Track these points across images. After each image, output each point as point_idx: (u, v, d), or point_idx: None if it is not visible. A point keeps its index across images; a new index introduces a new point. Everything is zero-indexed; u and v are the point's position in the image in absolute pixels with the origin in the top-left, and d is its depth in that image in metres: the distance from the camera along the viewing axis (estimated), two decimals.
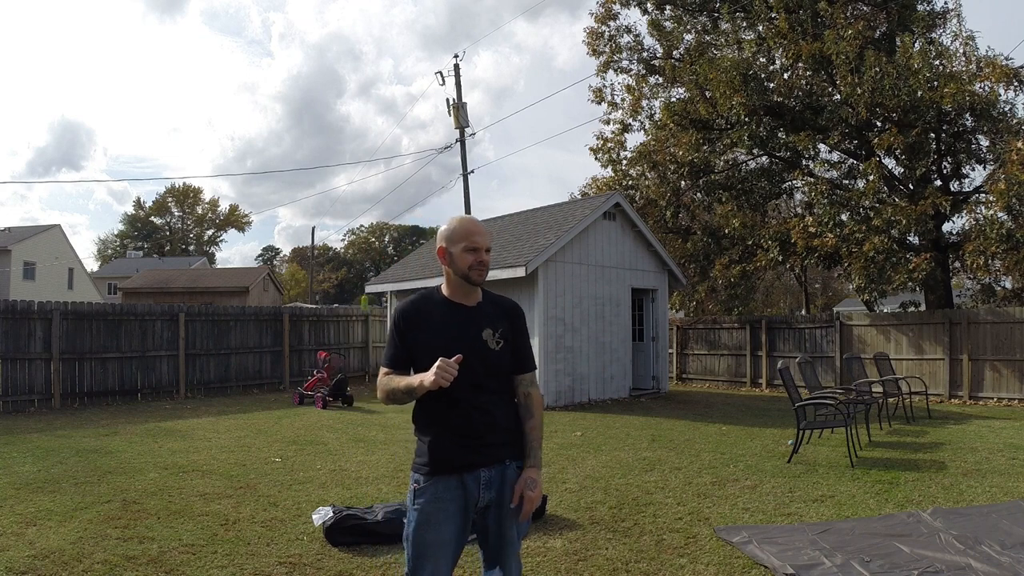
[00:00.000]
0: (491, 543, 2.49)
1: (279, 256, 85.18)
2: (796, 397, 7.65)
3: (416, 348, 2.43)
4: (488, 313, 2.51)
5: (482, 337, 2.44)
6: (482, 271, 2.46)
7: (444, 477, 2.38)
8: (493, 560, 2.52)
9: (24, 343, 11.89)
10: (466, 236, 2.45)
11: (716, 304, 18.70)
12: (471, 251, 2.44)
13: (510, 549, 2.50)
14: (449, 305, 2.49)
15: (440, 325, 2.44)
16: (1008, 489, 5.97)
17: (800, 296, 32.16)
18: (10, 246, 38.80)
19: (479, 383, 2.38)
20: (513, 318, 2.56)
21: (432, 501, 2.37)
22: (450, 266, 2.48)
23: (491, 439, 2.43)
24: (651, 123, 19.60)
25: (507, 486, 2.45)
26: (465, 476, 2.39)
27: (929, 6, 16.00)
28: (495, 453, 2.44)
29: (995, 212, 13.23)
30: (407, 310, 2.48)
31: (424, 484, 2.40)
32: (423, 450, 2.44)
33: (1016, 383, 12.34)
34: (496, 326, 2.48)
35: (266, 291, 40.89)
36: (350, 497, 5.73)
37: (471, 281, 2.46)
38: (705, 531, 4.85)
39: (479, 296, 2.54)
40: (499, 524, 2.46)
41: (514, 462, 2.49)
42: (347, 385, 12.32)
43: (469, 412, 2.39)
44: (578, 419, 10.69)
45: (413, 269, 15.72)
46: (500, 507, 2.45)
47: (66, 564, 4.14)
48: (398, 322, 2.47)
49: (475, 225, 2.50)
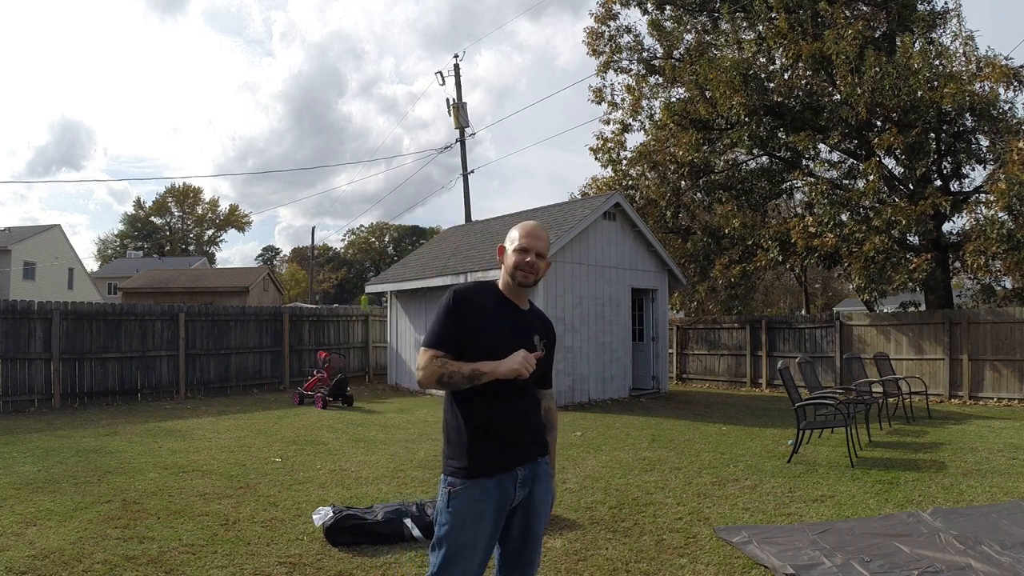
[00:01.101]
0: (515, 537, 2.49)
1: (279, 256, 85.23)
2: (796, 397, 7.65)
3: (470, 331, 2.39)
4: (535, 321, 2.59)
5: (533, 340, 2.50)
6: (527, 274, 2.49)
7: (482, 480, 2.37)
8: (515, 555, 2.50)
9: (24, 343, 11.88)
10: (521, 238, 2.52)
11: (716, 304, 18.71)
12: (521, 251, 2.49)
13: (535, 544, 2.53)
14: (504, 301, 2.54)
15: (497, 316, 2.47)
16: (1008, 489, 5.97)
17: (800, 296, 32.16)
18: (10, 246, 38.79)
19: (523, 384, 2.42)
20: (551, 335, 2.66)
21: (469, 504, 2.35)
22: (503, 264, 2.55)
23: (526, 438, 2.48)
24: (651, 123, 19.61)
25: (539, 482, 2.49)
26: (503, 477, 2.39)
27: (929, 6, 16.00)
28: (530, 451, 2.48)
29: (995, 212, 13.24)
30: (466, 293, 2.47)
31: (460, 487, 2.36)
32: (460, 452, 2.40)
33: (1016, 383, 12.33)
34: (542, 335, 2.57)
35: (266, 291, 40.89)
36: (350, 497, 5.73)
37: (517, 281, 2.50)
38: (705, 531, 4.85)
39: (528, 304, 2.61)
40: (526, 520, 2.48)
41: (543, 458, 2.54)
42: (347, 385, 12.32)
43: (509, 412, 2.41)
44: (578, 419, 10.69)
45: (413, 269, 15.72)
46: (530, 503, 2.48)
47: (66, 564, 4.13)
48: (454, 303, 2.42)
49: (533, 229, 2.55)
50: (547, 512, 2.56)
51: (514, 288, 2.52)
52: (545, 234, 2.56)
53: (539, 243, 2.51)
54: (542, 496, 2.50)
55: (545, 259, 2.53)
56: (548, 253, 2.56)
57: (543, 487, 2.51)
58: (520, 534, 2.48)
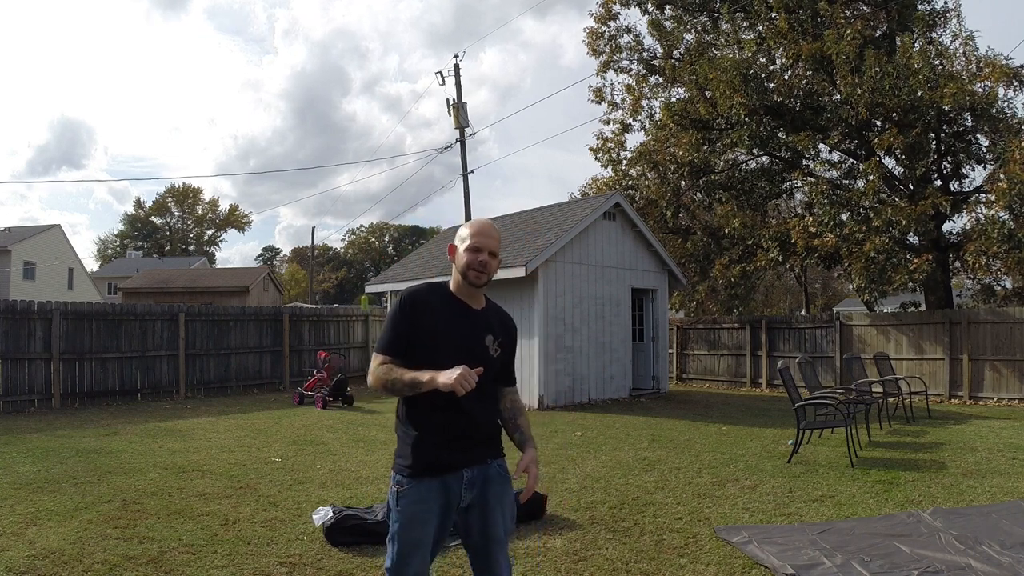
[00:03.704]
0: (476, 542, 2.49)
1: (279, 256, 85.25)
2: (796, 397, 7.65)
3: (419, 336, 2.38)
4: (491, 321, 2.54)
5: (485, 341, 2.47)
6: (480, 273, 2.45)
7: (427, 479, 2.38)
8: (481, 560, 2.51)
9: (24, 343, 11.88)
10: (471, 236, 2.46)
11: (716, 304, 18.72)
12: (473, 250, 2.44)
13: (498, 547, 2.49)
14: (456, 302, 2.49)
15: (447, 319, 2.43)
16: (1008, 489, 5.97)
17: (800, 296, 32.16)
18: (10, 246, 38.80)
19: (476, 387, 2.36)
20: (511, 333, 2.61)
21: (415, 503, 2.37)
22: (455, 263, 2.50)
23: (474, 440, 2.45)
24: (651, 123, 19.62)
25: (489, 485, 2.46)
26: (448, 477, 2.39)
27: (929, 6, 16.01)
28: (478, 454, 2.46)
29: (996, 212, 13.24)
30: (415, 296, 2.43)
31: (407, 486, 2.39)
32: (406, 452, 2.42)
33: (1016, 383, 12.33)
34: (496, 334, 2.51)
35: (266, 291, 40.90)
36: (350, 497, 5.73)
37: (468, 281, 2.45)
38: (705, 531, 4.85)
39: (483, 302, 2.56)
40: (483, 523, 2.46)
41: (495, 461, 2.51)
42: (347, 385, 12.32)
43: (456, 414, 2.39)
44: (578, 419, 10.69)
45: (413, 269, 15.72)
46: (484, 506, 2.45)
47: (66, 564, 4.13)
48: (404, 307, 2.41)
49: (483, 227, 2.50)
50: (507, 515, 2.51)
51: (466, 288, 2.48)
52: (497, 232, 2.52)
53: (491, 242, 2.46)
54: (497, 498, 2.47)
55: (497, 258, 2.49)
56: (500, 252, 2.52)
57: (497, 489, 2.47)
58: (479, 536, 2.48)
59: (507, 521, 2.53)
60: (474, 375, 2.19)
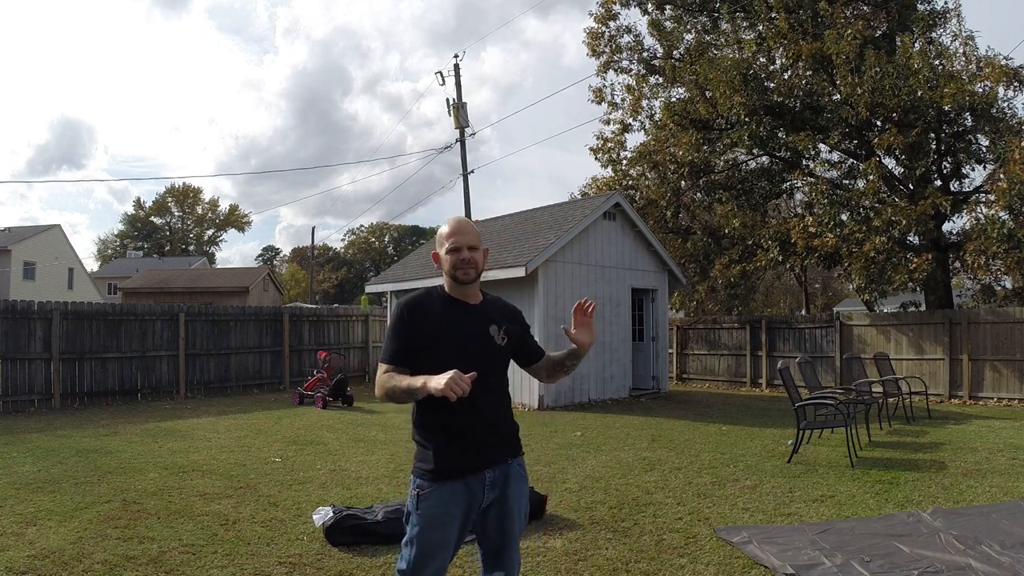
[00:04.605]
0: (492, 539, 2.52)
1: (279, 256, 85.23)
2: (796, 397, 7.65)
3: (421, 341, 2.40)
4: (491, 312, 2.56)
5: (489, 332, 2.49)
6: (467, 270, 2.47)
7: (449, 483, 2.38)
8: (494, 556, 2.53)
9: (24, 343, 11.88)
10: (447, 238, 2.49)
11: (716, 304, 18.72)
12: (453, 251, 2.48)
13: (512, 545, 2.53)
14: (452, 302, 2.51)
15: (447, 320, 2.45)
16: (1008, 489, 5.97)
17: (800, 296, 32.16)
18: (10, 246, 38.80)
19: (484, 382, 2.35)
20: (516, 318, 2.66)
21: (437, 506, 2.37)
22: (442, 269, 2.53)
23: (494, 441, 2.47)
24: (651, 123, 19.61)
25: (510, 484, 2.48)
26: (471, 480, 2.40)
27: (929, 6, 16.00)
28: (498, 454, 2.47)
29: (996, 211, 13.24)
30: (412, 303, 2.46)
31: (428, 490, 2.39)
32: (427, 456, 2.42)
33: (1016, 383, 12.33)
34: (500, 323, 2.54)
35: (266, 291, 40.89)
36: (350, 497, 5.73)
37: (459, 280, 2.48)
38: (705, 531, 4.85)
39: (480, 296, 2.58)
40: (501, 521, 2.49)
41: (515, 459, 2.53)
42: (347, 385, 12.32)
43: (473, 416, 2.39)
44: (578, 419, 10.68)
45: (413, 269, 15.72)
46: (503, 504, 2.47)
47: (66, 564, 4.13)
48: (403, 315, 2.43)
49: (457, 226, 2.52)
50: (523, 513, 2.55)
51: (458, 287, 2.51)
52: (472, 226, 2.54)
53: (468, 237, 2.49)
54: (516, 497, 2.50)
55: (479, 249, 2.51)
56: (480, 242, 2.53)
57: (516, 488, 2.50)
58: (497, 534, 2.50)
59: (523, 519, 2.57)
60: (467, 379, 2.16)
